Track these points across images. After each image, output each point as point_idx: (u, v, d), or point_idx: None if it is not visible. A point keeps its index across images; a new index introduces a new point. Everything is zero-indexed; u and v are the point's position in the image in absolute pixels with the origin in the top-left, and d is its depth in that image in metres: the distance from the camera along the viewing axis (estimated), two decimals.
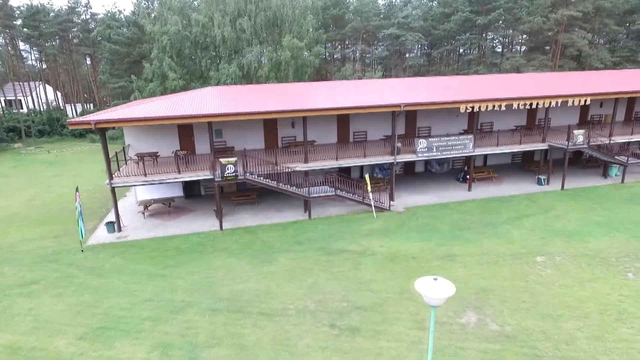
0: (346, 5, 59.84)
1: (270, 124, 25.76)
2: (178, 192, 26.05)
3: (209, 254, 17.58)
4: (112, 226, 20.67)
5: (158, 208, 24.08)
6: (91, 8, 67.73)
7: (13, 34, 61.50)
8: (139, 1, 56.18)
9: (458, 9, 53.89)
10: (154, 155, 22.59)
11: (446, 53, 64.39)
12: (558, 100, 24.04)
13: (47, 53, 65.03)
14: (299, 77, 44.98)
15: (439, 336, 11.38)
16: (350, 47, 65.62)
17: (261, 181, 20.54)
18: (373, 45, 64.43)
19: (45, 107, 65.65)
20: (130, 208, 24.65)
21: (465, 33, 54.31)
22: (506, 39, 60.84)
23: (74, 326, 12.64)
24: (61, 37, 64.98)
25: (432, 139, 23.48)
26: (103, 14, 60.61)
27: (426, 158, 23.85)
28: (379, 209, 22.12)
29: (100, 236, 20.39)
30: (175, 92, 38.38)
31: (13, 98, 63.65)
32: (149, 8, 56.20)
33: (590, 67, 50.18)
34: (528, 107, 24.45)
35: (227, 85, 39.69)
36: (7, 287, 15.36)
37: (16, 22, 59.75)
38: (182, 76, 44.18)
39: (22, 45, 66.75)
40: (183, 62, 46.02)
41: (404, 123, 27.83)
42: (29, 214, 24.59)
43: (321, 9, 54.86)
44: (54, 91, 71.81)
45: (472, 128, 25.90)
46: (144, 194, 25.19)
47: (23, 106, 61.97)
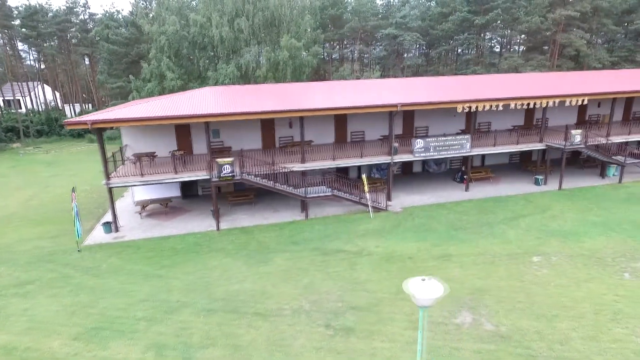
0: (344, 5, 59.85)
1: (267, 124, 25.75)
2: (175, 193, 26.03)
3: (205, 254, 17.57)
4: (109, 226, 20.65)
5: (155, 208, 24.07)
6: (89, 8, 67.53)
7: (11, 34, 61.56)
8: (137, 1, 56.20)
9: (456, 9, 53.96)
10: (151, 155, 22.60)
11: (444, 53, 64.38)
12: (555, 100, 24.02)
13: (46, 53, 65.01)
14: (297, 77, 44.96)
15: (434, 336, 11.38)
16: (348, 47, 65.66)
17: (258, 181, 20.53)
18: (371, 45, 64.44)
19: (43, 107, 65.64)
20: (127, 208, 24.62)
21: (463, 33, 54.37)
22: (504, 39, 60.96)
23: (69, 326, 12.63)
24: (59, 37, 64.97)
25: (429, 139, 23.47)
26: (101, 14, 60.64)
27: (423, 158, 23.85)
28: (376, 209, 22.12)
29: (97, 236, 20.37)
30: (173, 92, 38.34)
31: (11, 98, 63.71)
32: (147, 8, 56.18)
33: (588, 67, 50.25)
34: (525, 107, 24.45)
35: (225, 85, 39.68)
36: (3, 288, 15.34)
37: (14, 22, 59.78)
38: (180, 76, 44.16)
39: (21, 45, 66.85)
40: (181, 62, 46.00)
41: (402, 123, 27.80)
42: (27, 214, 24.58)
43: (319, 9, 54.90)
44: (53, 91, 71.79)
45: (470, 128, 25.91)
46: (142, 194, 25.14)
47: (21, 106, 61.97)
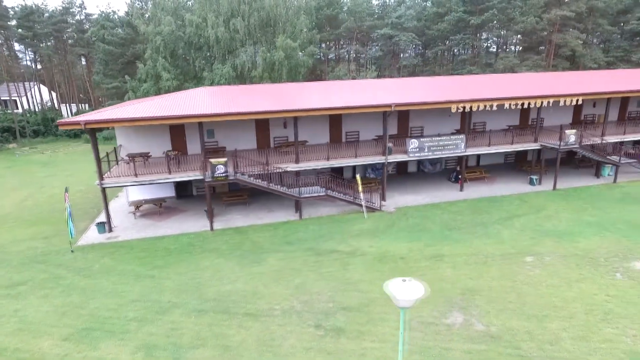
0: (340, 5, 59.89)
1: (262, 124, 25.71)
2: (170, 193, 25.98)
3: (198, 255, 17.52)
4: (103, 227, 20.59)
5: (149, 208, 24.00)
6: (85, 9, 67.99)
7: (7, 35, 61.38)
8: (133, 2, 56.07)
9: (451, 9, 53.97)
10: (145, 155, 22.54)
11: (440, 53, 64.44)
12: (550, 100, 24.05)
13: (42, 53, 64.86)
14: (293, 78, 44.94)
15: (424, 337, 11.37)
16: (344, 47, 65.70)
17: (252, 181, 20.49)
18: (367, 45, 64.46)
19: (40, 108, 65.43)
20: (121, 208, 24.56)
21: (459, 33, 54.43)
22: (500, 39, 61.01)
23: (59, 327, 12.59)
24: (56, 38, 64.89)
25: (424, 139, 23.48)
26: (97, 15, 60.55)
27: (417, 158, 23.85)
28: (370, 209, 22.10)
29: (90, 237, 20.30)
30: (169, 93, 38.27)
31: (7, 98, 63.39)
32: (143, 9, 56.16)
33: (584, 67, 50.34)
34: (520, 107, 24.48)
35: (221, 85, 39.62)
36: None
37: (10, 23, 59.62)
38: (176, 76, 44.08)
39: (17, 45, 66.70)
40: (177, 63, 45.90)
41: (397, 123, 27.81)
42: (21, 215, 24.49)
43: (315, 9, 54.89)
44: (49, 91, 71.56)
45: (464, 128, 25.93)
46: (136, 195, 25.09)
47: (18, 106, 61.75)
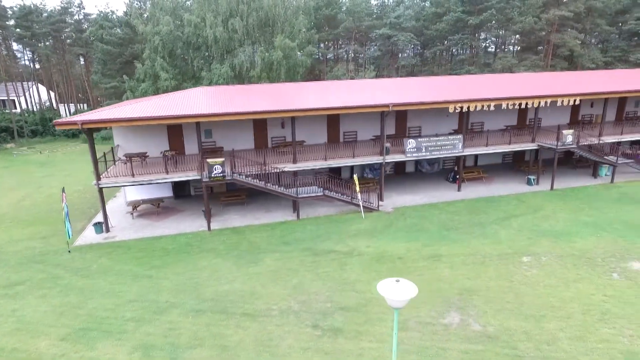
0: (338, 5, 59.86)
1: (260, 124, 25.70)
2: (167, 193, 25.95)
3: (196, 255, 17.52)
4: (100, 227, 20.56)
5: (147, 208, 23.98)
6: (84, 8, 67.56)
7: (6, 34, 61.24)
8: (131, 2, 56.00)
9: (450, 9, 54.02)
10: (143, 155, 22.52)
11: (439, 53, 64.47)
12: (547, 100, 24.09)
13: (40, 53, 64.76)
14: (291, 77, 44.92)
15: (421, 337, 11.39)
16: (342, 47, 65.67)
17: (249, 181, 20.49)
18: (365, 45, 64.49)
19: (38, 107, 65.29)
20: (119, 209, 24.53)
21: (457, 33, 54.48)
22: (498, 39, 61.06)
23: (57, 327, 12.58)
24: (54, 38, 64.74)
25: (421, 139, 23.50)
26: (96, 15, 60.47)
27: (415, 158, 23.87)
28: (368, 209, 22.12)
29: (88, 237, 20.28)
30: (167, 92, 38.23)
31: (6, 98, 63.28)
32: (141, 8, 56.05)
33: (582, 67, 50.43)
34: (518, 107, 24.50)
35: (219, 85, 39.60)
36: None
37: (9, 22, 59.48)
38: (174, 76, 44.05)
39: (15, 45, 66.58)
40: (175, 63, 45.88)
41: (394, 123, 27.82)
42: (18, 215, 24.43)
43: (313, 9, 54.87)
44: (47, 91, 71.44)
45: (462, 128, 25.95)
46: (134, 195, 25.06)
47: (16, 106, 61.62)
